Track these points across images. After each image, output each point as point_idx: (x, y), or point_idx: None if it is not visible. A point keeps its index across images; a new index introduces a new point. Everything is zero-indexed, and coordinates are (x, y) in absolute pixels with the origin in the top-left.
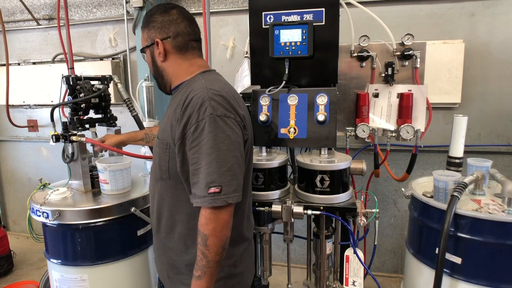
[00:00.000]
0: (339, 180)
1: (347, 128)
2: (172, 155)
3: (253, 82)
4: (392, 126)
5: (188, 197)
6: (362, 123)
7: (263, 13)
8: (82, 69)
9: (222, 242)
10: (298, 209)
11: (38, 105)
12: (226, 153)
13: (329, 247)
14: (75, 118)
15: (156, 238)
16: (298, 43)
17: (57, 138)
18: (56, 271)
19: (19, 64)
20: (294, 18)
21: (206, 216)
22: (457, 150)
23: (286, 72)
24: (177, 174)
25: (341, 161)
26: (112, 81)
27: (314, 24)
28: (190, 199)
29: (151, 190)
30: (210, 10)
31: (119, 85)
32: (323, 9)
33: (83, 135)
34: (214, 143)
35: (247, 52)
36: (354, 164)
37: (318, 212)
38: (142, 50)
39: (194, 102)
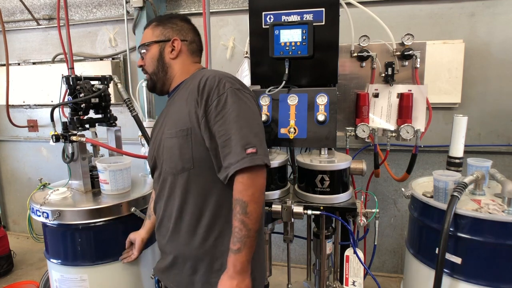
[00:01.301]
0: (339, 180)
1: (347, 128)
2: (195, 139)
3: (253, 82)
4: (392, 126)
5: (215, 184)
6: (362, 123)
7: (263, 13)
8: (82, 69)
9: (261, 208)
10: (298, 209)
11: (38, 105)
12: (251, 120)
13: (329, 247)
14: (75, 118)
15: (169, 240)
16: (298, 43)
17: (57, 138)
18: (56, 271)
19: (19, 64)
20: (294, 18)
21: (244, 182)
22: (457, 150)
23: (286, 72)
24: (201, 160)
25: (341, 161)
26: (112, 81)
27: (314, 24)
28: (222, 174)
29: (164, 189)
30: (210, 10)
31: (119, 85)
32: (323, 9)
33: (83, 135)
34: (240, 111)
35: (247, 52)
36: (354, 164)
37: (318, 212)
38: (148, 44)
39: (210, 81)
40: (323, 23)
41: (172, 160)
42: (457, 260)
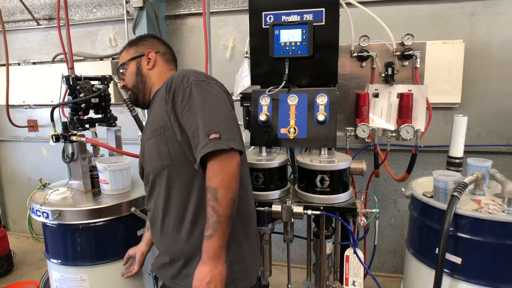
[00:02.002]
0: (339, 180)
1: (347, 128)
2: (169, 136)
3: (253, 82)
4: (392, 126)
5: (195, 178)
6: (362, 123)
7: (263, 13)
8: (82, 69)
9: (232, 194)
10: (298, 209)
11: (38, 105)
12: (216, 108)
13: (329, 247)
14: (75, 118)
15: (160, 239)
16: (298, 43)
17: (57, 138)
18: (56, 271)
19: (19, 64)
20: (294, 18)
21: (214, 168)
22: (457, 150)
23: (286, 72)
24: (178, 155)
25: (341, 161)
26: (112, 81)
27: (314, 24)
28: (196, 164)
29: (152, 191)
30: (210, 10)
31: (119, 85)
32: (323, 9)
33: (83, 135)
34: (203, 99)
35: (247, 52)
36: (354, 164)
37: (318, 212)
38: (125, 63)
39: (176, 79)
40: (323, 23)
41: (152, 160)
42: (457, 260)
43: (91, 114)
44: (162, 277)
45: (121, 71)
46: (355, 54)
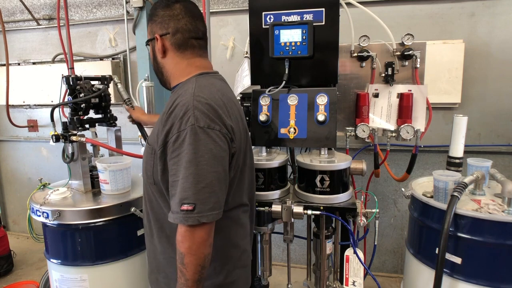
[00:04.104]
0: (339, 180)
1: (347, 128)
2: (156, 162)
3: (253, 82)
4: (392, 126)
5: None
6: (362, 123)
7: (263, 13)
8: (82, 69)
9: (200, 260)
10: (298, 209)
11: (38, 105)
12: (205, 168)
13: (329, 247)
14: (75, 118)
15: (147, 240)
16: (298, 43)
17: (57, 138)
18: (56, 271)
19: (19, 64)
20: (294, 18)
21: (182, 233)
22: (457, 150)
23: (286, 72)
24: (158, 181)
25: (341, 161)
26: (112, 81)
27: (314, 24)
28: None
29: (143, 192)
30: (210, 10)
31: (119, 85)
32: (323, 9)
33: (83, 135)
34: (193, 156)
35: (247, 52)
36: (354, 164)
37: (318, 212)
38: (147, 43)
39: (178, 110)
40: (323, 23)
41: (143, 169)
42: (457, 260)
43: (91, 114)
44: (150, 283)
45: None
46: (355, 54)
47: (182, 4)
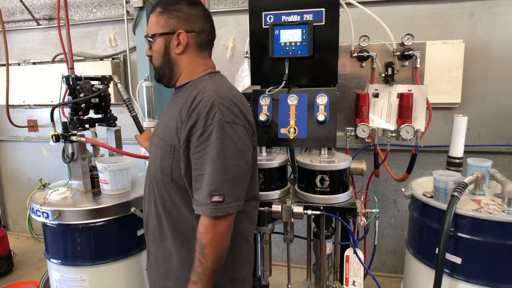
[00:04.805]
0: (339, 180)
1: (347, 128)
2: (177, 157)
3: (253, 82)
4: (392, 126)
5: (190, 200)
6: (362, 123)
7: (263, 13)
8: (82, 69)
9: (220, 252)
10: (298, 209)
11: (38, 105)
12: (231, 161)
13: (329, 247)
14: (75, 118)
15: (154, 244)
16: (298, 43)
17: (57, 138)
18: (56, 271)
19: (19, 64)
20: (294, 18)
21: (205, 225)
22: (457, 150)
23: (286, 72)
24: (179, 177)
25: (341, 161)
26: (112, 81)
27: (314, 24)
28: (192, 204)
29: (147, 192)
30: (210, 10)
31: (119, 85)
32: (323, 9)
33: (83, 135)
34: (221, 150)
35: (247, 52)
36: (354, 164)
37: (318, 212)
38: (152, 36)
39: (202, 105)
40: (323, 23)
41: (155, 168)
42: (457, 260)
43: (91, 114)
44: (148, 276)
45: (149, 39)
46: (355, 54)
47: (203, 7)
